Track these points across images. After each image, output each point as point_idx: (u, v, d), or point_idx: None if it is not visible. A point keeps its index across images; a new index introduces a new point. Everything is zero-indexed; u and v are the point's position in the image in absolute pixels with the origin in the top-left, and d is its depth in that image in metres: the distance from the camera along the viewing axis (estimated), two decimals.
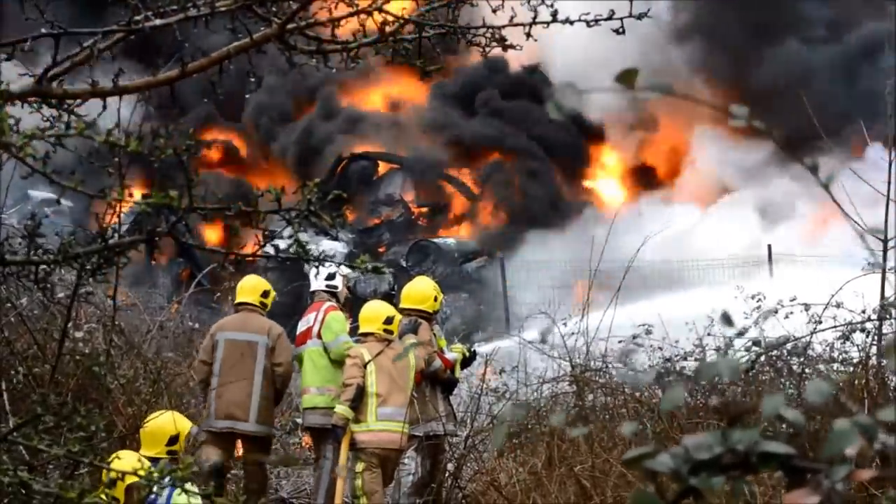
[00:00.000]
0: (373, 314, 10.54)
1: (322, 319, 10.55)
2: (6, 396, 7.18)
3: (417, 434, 10.42)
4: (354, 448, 10.22)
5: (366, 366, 10.20)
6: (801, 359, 9.97)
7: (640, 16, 4.48)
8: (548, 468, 9.51)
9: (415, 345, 10.50)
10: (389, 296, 19.73)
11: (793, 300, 9.92)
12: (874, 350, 9.38)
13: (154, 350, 11.84)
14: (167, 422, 7.92)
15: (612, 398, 10.18)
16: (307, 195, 3.65)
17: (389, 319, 10.48)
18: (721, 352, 9.57)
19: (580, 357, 10.31)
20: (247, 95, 29.30)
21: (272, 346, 10.48)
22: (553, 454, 9.55)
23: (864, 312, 9.62)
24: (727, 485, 1.75)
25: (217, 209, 3.66)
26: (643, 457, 1.76)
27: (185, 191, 3.54)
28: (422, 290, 11.00)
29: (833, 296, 9.67)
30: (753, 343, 9.56)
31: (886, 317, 9.44)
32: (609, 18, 4.47)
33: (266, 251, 3.83)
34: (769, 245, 23.06)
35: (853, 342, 9.74)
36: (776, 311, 9.77)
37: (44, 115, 3.95)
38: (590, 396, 10.30)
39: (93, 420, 4.20)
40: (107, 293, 10.04)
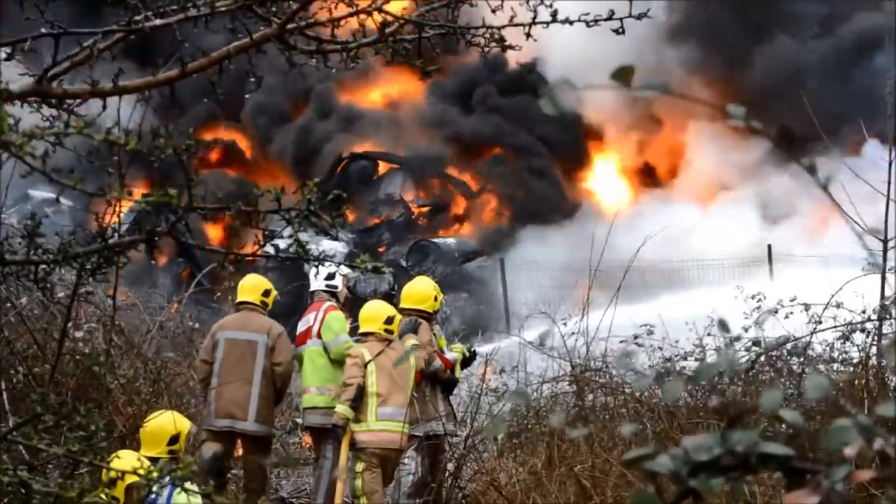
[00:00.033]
0: (373, 314, 10.54)
1: (322, 319, 10.54)
2: (6, 396, 7.19)
3: (417, 434, 10.42)
4: (354, 448, 10.22)
5: (366, 366, 10.20)
6: (801, 359, 9.97)
7: (640, 16, 4.48)
8: (548, 468, 9.50)
9: (415, 347, 10.49)
10: (389, 296, 19.74)
11: (793, 300, 9.92)
12: (874, 350, 9.38)
13: (154, 350, 11.84)
14: (167, 422, 7.91)
15: (612, 398, 10.18)
16: (307, 195, 3.65)
17: (390, 319, 10.48)
18: (721, 351, 9.56)
19: (580, 357, 10.31)
20: (246, 95, 29.28)
21: (272, 346, 10.48)
22: (553, 454, 9.54)
23: (864, 312, 9.62)
24: (727, 486, 1.75)
25: (217, 209, 3.66)
26: (643, 458, 1.76)
27: (185, 190, 3.54)
28: (422, 290, 11.00)
29: (833, 296, 9.67)
30: (753, 343, 9.57)
31: (886, 317, 9.44)
32: (609, 18, 4.47)
33: (266, 251, 3.82)
34: (769, 245, 23.06)
35: (853, 342, 9.73)
36: (776, 311, 9.77)
37: (44, 115, 3.95)
38: (590, 396, 10.30)
39: (93, 420, 4.20)
40: (107, 293, 10.04)
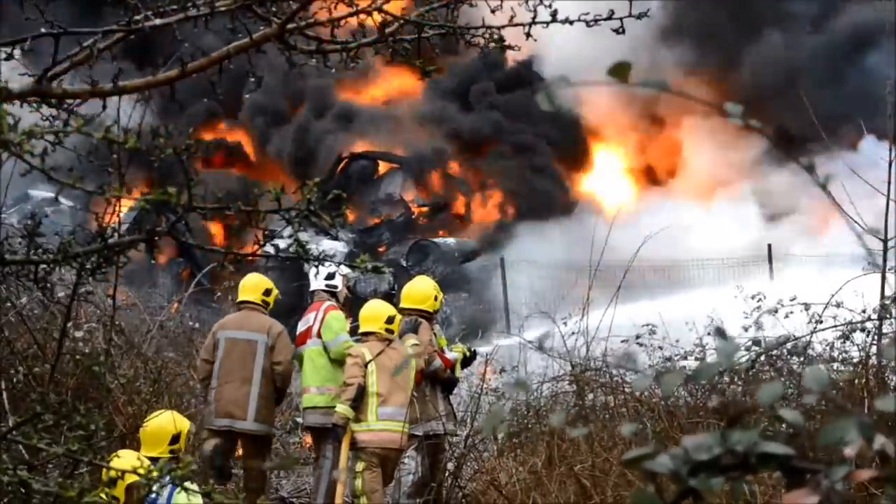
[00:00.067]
0: (374, 314, 10.53)
1: (322, 319, 10.54)
2: (6, 396, 7.19)
3: (417, 433, 10.42)
4: (355, 447, 10.21)
5: (366, 365, 10.19)
6: (801, 358, 9.97)
7: (641, 15, 4.48)
8: (548, 468, 9.50)
9: (415, 347, 10.49)
10: (389, 295, 19.74)
11: (793, 300, 9.92)
12: (874, 350, 9.38)
13: (154, 350, 11.84)
14: (168, 421, 7.91)
15: (612, 398, 10.18)
16: (307, 195, 3.65)
17: (391, 319, 10.48)
18: (721, 349, 9.54)
19: (580, 357, 10.30)
20: (246, 95, 29.28)
21: (272, 345, 10.48)
22: (553, 454, 9.54)
23: (864, 312, 9.62)
24: (727, 485, 1.75)
25: (217, 209, 3.66)
26: (643, 457, 1.76)
27: (185, 189, 3.53)
28: (422, 290, 10.99)
29: (833, 295, 9.67)
30: (753, 343, 9.57)
31: (886, 316, 9.43)
32: (609, 18, 4.46)
33: (266, 251, 3.82)
34: (769, 244, 23.06)
35: (853, 342, 9.73)
36: (776, 311, 9.77)
37: (43, 115, 3.95)
38: (590, 396, 10.30)
39: (92, 419, 4.20)
40: (107, 293, 10.03)
